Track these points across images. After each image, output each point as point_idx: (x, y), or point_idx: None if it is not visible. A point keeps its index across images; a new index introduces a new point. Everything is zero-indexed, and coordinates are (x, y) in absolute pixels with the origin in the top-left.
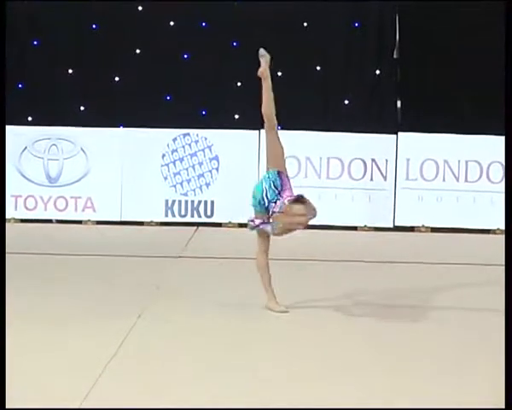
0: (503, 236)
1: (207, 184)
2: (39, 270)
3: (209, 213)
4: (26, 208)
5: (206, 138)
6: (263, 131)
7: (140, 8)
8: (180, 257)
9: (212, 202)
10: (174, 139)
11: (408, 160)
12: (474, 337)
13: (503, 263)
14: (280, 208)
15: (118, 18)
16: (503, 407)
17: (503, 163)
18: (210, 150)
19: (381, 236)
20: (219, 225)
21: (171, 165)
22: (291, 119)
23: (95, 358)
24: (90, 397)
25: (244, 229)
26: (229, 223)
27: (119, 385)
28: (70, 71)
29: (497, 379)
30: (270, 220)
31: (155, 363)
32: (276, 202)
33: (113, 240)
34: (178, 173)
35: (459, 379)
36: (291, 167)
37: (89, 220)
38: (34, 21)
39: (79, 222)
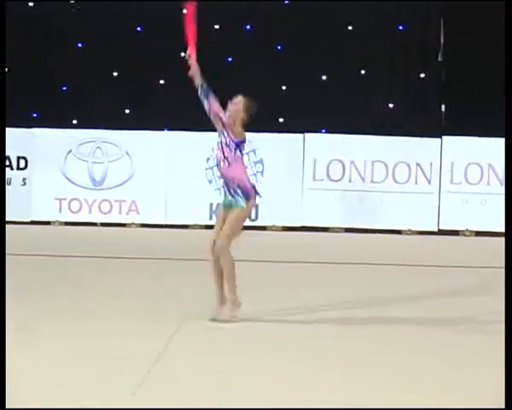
0: None
1: None
2: (83, 272)
3: (254, 216)
4: (71, 211)
5: (250, 142)
6: (307, 134)
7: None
8: None
9: (257, 205)
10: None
11: (452, 163)
12: None
13: None
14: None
15: (162, 20)
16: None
17: None
18: (254, 154)
19: (425, 239)
20: (264, 228)
21: (215, 168)
22: (335, 122)
23: (140, 358)
24: (138, 396)
25: (289, 232)
26: (273, 226)
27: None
28: (115, 74)
29: None
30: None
31: (197, 365)
32: None
33: (157, 243)
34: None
35: None
36: (336, 171)
37: (133, 223)
38: (78, 24)
39: (123, 225)
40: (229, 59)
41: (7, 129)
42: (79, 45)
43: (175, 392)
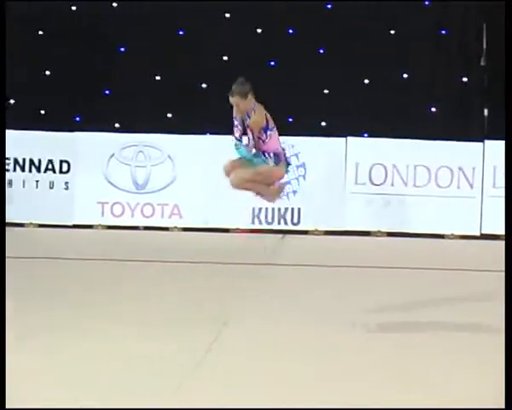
0: None
1: (294, 192)
2: (125, 276)
3: (295, 220)
4: (113, 215)
5: (293, 146)
6: (350, 138)
7: (228, 15)
8: (267, 264)
9: (299, 210)
10: None
11: (495, 167)
12: None
13: None
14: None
15: (205, 25)
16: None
17: None
18: (297, 157)
19: (467, 244)
20: (306, 232)
21: None
22: (377, 126)
23: (181, 362)
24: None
25: (331, 236)
26: (316, 230)
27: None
28: (157, 78)
29: None
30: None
31: (238, 368)
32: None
33: (199, 246)
34: None
35: None
36: (378, 175)
37: (175, 227)
38: (121, 28)
39: (166, 229)
40: (272, 63)
41: (50, 133)
42: (122, 49)
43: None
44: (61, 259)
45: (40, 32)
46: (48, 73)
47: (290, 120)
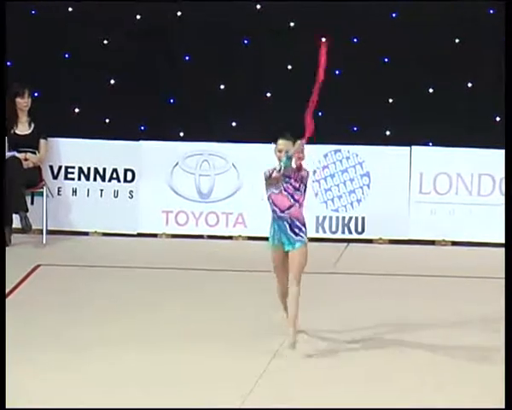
0: None
1: (358, 201)
2: (191, 284)
3: (360, 229)
4: (177, 224)
5: (357, 155)
6: (414, 147)
7: (292, 23)
8: (331, 273)
9: (363, 219)
10: (325, 155)
11: None
12: None
13: None
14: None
15: (269, 33)
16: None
17: None
18: (361, 166)
19: None
20: (370, 241)
21: (322, 181)
22: (442, 135)
23: (245, 374)
24: None
25: (395, 245)
26: (380, 239)
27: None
28: (222, 86)
29: None
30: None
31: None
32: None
33: (264, 255)
34: (329, 189)
35: None
36: (442, 184)
37: (240, 236)
38: (186, 37)
39: (230, 238)
40: (337, 72)
41: (114, 141)
42: (187, 58)
43: None
44: (126, 267)
45: (105, 42)
46: (112, 82)
47: (355, 129)
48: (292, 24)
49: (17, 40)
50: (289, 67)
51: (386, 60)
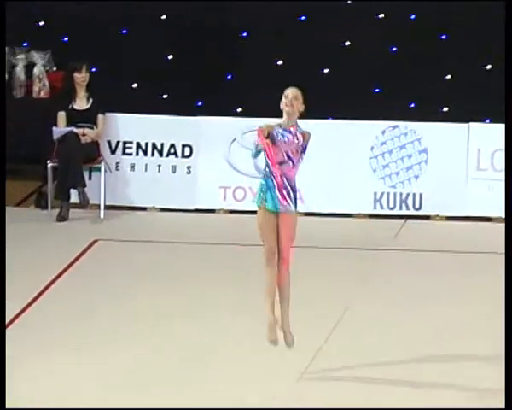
0: None
1: (416, 177)
2: (249, 259)
3: (417, 205)
4: (235, 199)
5: (415, 131)
6: (472, 124)
7: (349, 1)
8: (388, 249)
9: (421, 195)
10: (383, 132)
11: None
12: None
13: None
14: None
15: (326, 10)
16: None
17: None
18: (419, 143)
19: None
20: (427, 217)
21: (379, 157)
22: (500, 112)
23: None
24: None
25: (452, 222)
26: (437, 216)
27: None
28: (279, 62)
29: None
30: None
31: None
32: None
33: (321, 231)
34: (387, 166)
35: None
36: (500, 161)
37: (298, 212)
38: (243, 13)
39: None
40: (394, 48)
41: (172, 117)
42: (244, 34)
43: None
44: (183, 243)
45: (163, 17)
46: (170, 57)
47: (412, 105)
48: (349, 1)
49: (74, 16)
50: (347, 43)
51: (443, 37)
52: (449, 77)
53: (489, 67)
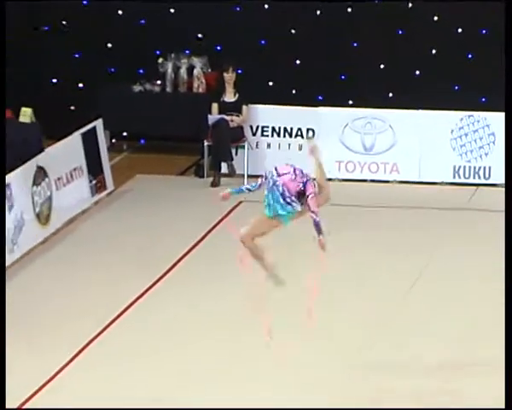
0: None
1: (486, 154)
2: (353, 220)
3: (487, 175)
4: (347, 171)
5: (485, 119)
6: None
7: (435, 18)
8: (464, 209)
9: (490, 168)
10: (461, 119)
11: None
12: None
13: None
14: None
15: (419, 22)
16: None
17: None
18: (488, 128)
19: None
20: (495, 185)
21: (458, 139)
22: None
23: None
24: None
25: None
26: (502, 184)
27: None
28: (381, 66)
29: None
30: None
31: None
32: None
33: (413, 195)
34: (464, 145)
35: None
36: None
37: (394, 181)
38: (355, 24)
39: (387, 182)
40: (470, 55)
41: (299, 108)
42: (355, 45)
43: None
44: None
45: (293, 31)
46: (298, 62)
47: (483, 99)
48: (435, 18)
49: (226, 28)
50: (433, 51)
51: None
52: None
53: None
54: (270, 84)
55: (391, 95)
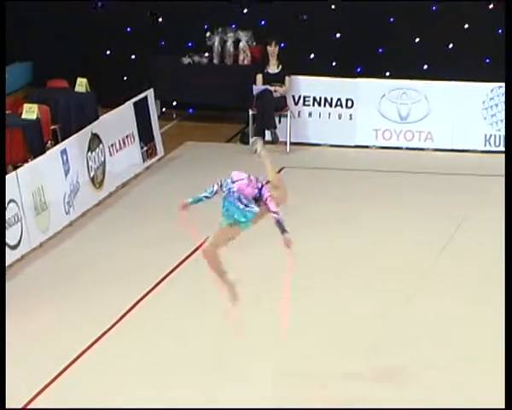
0: None
1: None
2: (390, 184)
3: None
4: (384, 138)
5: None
6: None
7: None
8: (495, 175)
9: None
10: (492, 90)
11: None
12: None
13: None
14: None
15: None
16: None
17: None
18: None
19: None
20: None
21: (488, 109)
22: None
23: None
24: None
25: None
26: None
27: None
28: (417, 40)
29: None
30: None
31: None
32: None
33: (447, 162)
34: (494, 115)
35: None
36: None
37: (428, 148)
38: (391, 1)
39: (421, 149)
40: (499, 31)
41: (339, 79)
42: (391, 20)
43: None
44: (344, 170)
45: (332, 6)
46: (338, 35)
47: None
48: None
49: (271, 5)
50: (466, 26)
51: None
52: None
53: None
54: (312, 56)
55: (425, 67)
